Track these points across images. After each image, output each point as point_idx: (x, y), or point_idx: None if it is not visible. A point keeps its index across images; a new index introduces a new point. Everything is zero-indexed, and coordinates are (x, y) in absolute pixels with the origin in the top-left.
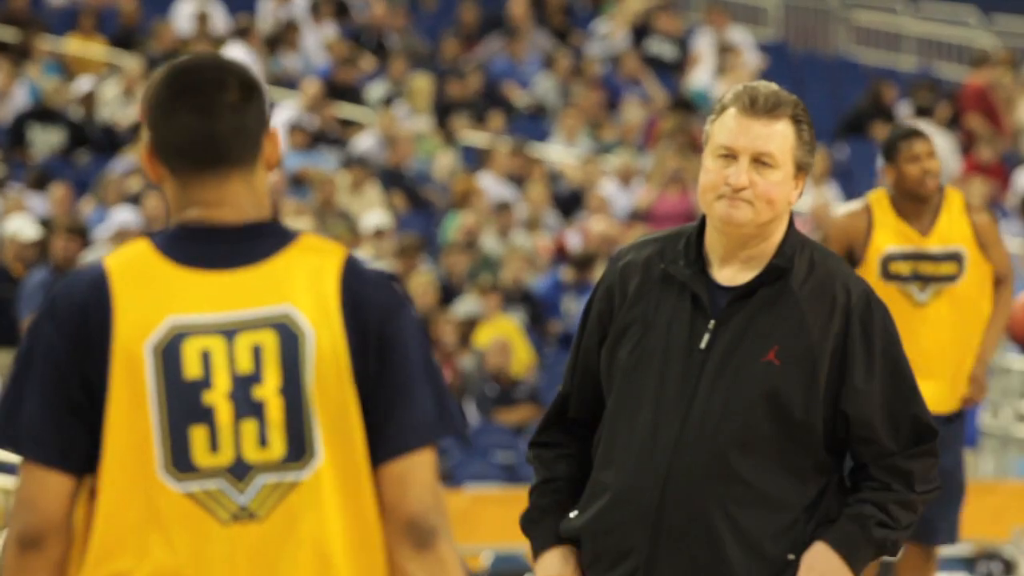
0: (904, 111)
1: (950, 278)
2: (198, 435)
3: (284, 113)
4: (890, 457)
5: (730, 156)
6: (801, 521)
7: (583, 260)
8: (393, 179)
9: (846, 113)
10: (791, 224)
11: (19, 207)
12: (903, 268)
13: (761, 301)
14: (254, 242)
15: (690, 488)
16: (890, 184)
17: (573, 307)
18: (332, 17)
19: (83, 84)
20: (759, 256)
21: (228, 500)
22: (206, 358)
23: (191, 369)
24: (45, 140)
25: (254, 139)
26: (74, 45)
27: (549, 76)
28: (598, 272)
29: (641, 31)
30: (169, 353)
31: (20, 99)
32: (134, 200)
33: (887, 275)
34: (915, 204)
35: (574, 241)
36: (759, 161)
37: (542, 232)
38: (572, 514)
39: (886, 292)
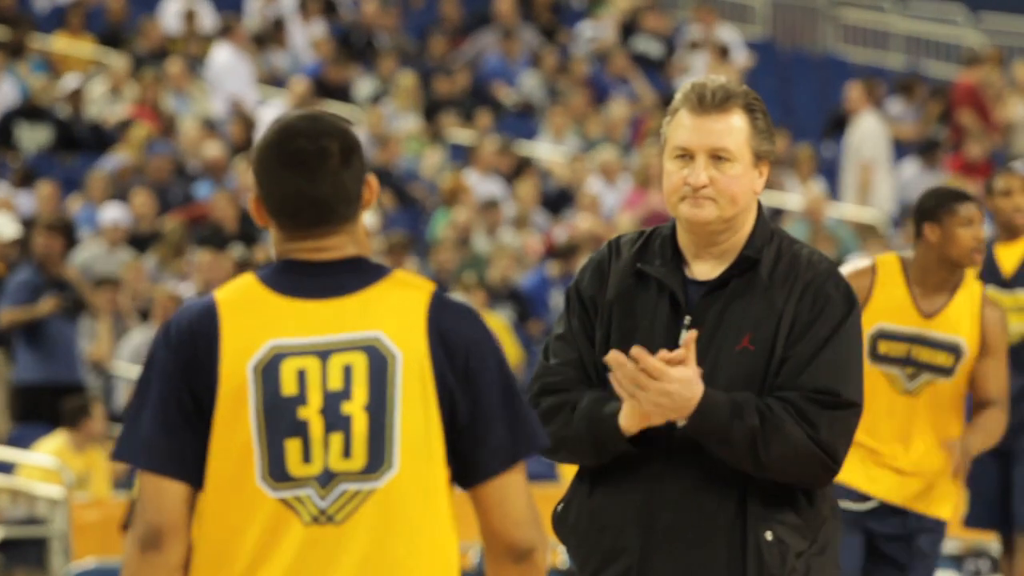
0: (896, 108)
1: (944, 371)
2: (292, 447)
3: (271, 111)
4: (788, 395)
5: (687, 156)
6: (786, 508)
7: (566, 251)
8: (381, 177)
9: (833, 111)
10: (760, 214)
11: (6, 206)
12: (896, 349)
13: (733, 292)
14: (349, 275)
15: (681, 484)
16: (931, 246)
17: (560, 304)
18: (321, 15)
19: (70, 82)
20: (731, 249)
21: (312, 504)
22: (302, 377)
23: (288, 387)
24: (32, 138)
25: (355, 196)
26: (62, 43)
27: (536, 74)
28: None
29: (628, 29)
30: (269, 372)
31: (8, 97)
32: (122, 197)
33: (874, 355)
34: (942, 276)
35: (562, 239)
36: (716, 157)
37: (530, 230)
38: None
39: (868, 374)
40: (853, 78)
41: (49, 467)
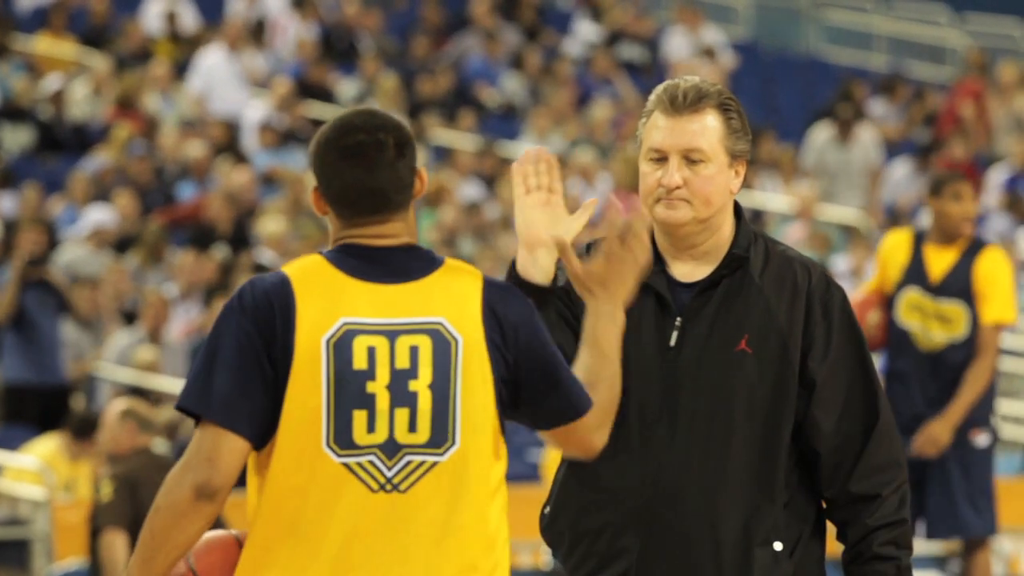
0: (879, 110)
1: None
2: (359, 417)
3: (254, 113)
4: (848, 474)
5: (661, 158)
6: (779, 508)
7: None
8: None
9: (817, 112)
10: (741, 215)
11: None
12: None
13: (725, 292)
14: (409, 263)
15: (680, 487)
16: None
17: None
18: (314, 16)
19: (52, 83)
20: (713, 250)
21: (378, 472)
22: (372, 353)
23: (359, 362)
24: (14, 139)
25: (408, 186)
26: (44, 44)
27: (519, 75)
28: None
29: (613, 36)
30: (341, 347)
31: None
32: (104, 198)
33: None
34: None
35: None
36: (689, 158)
37: (514, 232)
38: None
39: None
40: (836, 79)
41: (32, 469)
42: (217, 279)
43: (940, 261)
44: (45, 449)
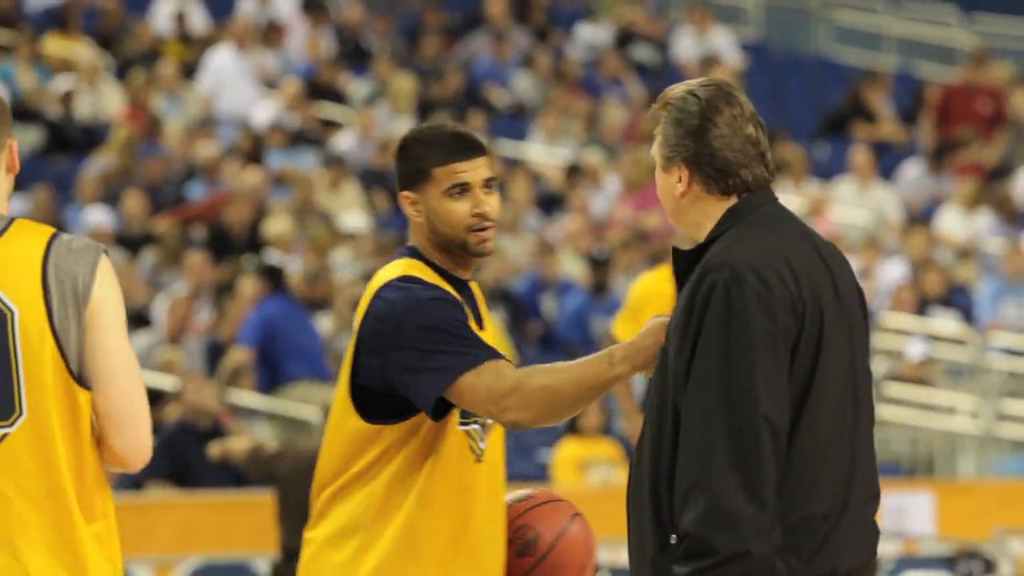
0: (888, 110)
1: None
2: None
3: (265, 112)
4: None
5: None
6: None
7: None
8: (374, 179)
9: (826, 113)
10: (723, 218)
11: None
12: None
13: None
14: None
15: (634, 475)
16: None
17: (552, 306)
18: (320, 17)
19: (62, 83)
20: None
21: None
22: None
23: None
24: (23, 140)
25: None
26: (54, 44)
27: (528, 76)
28: (573, 268)
29: (624, 37)
30: None
31: None
32: (112, 199)
33: None
34: None
35: (555, 240)
36: None
37: (523, 232)
38: None
39: None
40: (846, 79)
41: None
42: (227, 279)
43: None
44: None
